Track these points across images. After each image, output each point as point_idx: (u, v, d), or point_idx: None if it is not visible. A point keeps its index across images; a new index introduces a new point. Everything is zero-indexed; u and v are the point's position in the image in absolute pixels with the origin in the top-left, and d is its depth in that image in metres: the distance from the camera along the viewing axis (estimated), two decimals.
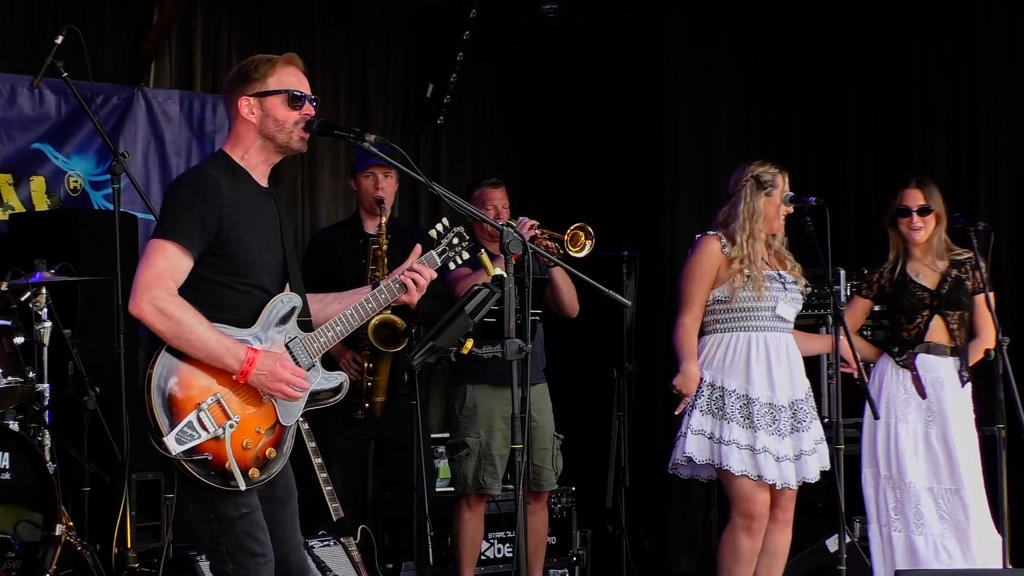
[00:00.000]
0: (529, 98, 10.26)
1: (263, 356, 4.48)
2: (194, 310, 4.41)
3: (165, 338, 4.40)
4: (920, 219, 6.90)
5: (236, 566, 4.48)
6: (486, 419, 7.24)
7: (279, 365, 4.49)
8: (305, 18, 9.25)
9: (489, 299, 4.71)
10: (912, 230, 6.91)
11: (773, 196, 6.55)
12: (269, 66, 4.64)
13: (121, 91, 8.49)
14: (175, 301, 4.40)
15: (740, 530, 6.51)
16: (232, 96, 4.65)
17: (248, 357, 4.45)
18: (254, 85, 4.62)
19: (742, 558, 6.52)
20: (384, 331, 7.02)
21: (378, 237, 7.07)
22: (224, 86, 4.76)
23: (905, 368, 6.90)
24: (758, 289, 6.46)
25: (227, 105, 4.70)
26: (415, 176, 4.73)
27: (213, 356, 4.43)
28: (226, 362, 4.44)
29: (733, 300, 6.48)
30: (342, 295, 4.90)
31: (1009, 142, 8.54)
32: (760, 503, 6.46)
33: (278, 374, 4.48)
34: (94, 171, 8.35)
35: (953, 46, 8.85)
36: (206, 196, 4.47)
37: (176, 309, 4.38)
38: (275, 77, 4.63)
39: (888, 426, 6.89)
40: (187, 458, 4.39)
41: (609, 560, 8.73)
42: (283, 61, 4.68)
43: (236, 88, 4.64)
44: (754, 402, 6.43)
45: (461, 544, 7.36)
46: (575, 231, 7.10)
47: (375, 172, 7.31)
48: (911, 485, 6.82)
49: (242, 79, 4.64)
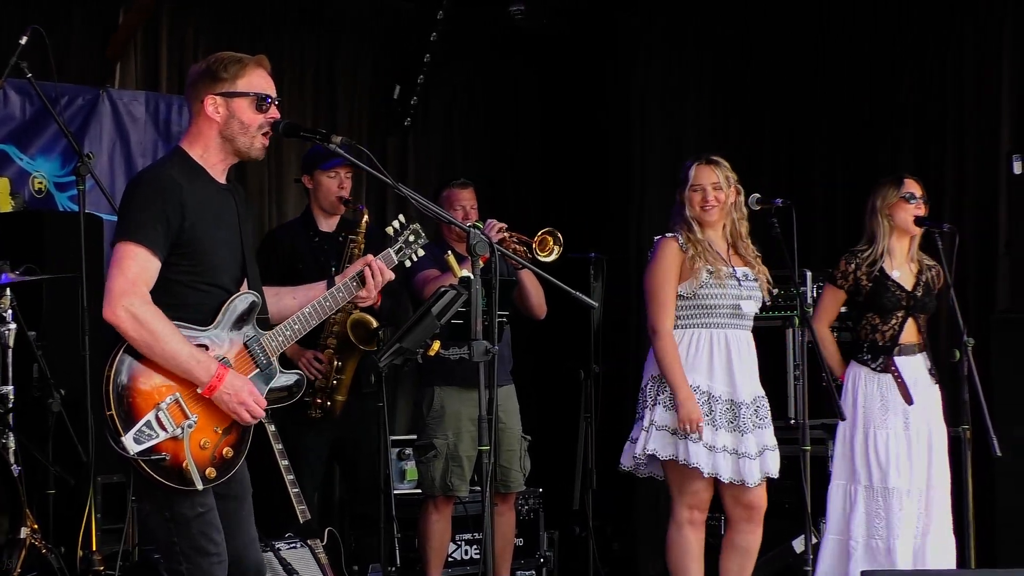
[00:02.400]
0: (498, 101, 10.26)
1: (231, 376, 4.47)
2: (166, 319, 4.39)
3: (135, 345, 4.38)
4: (924, 207, 6.93)
5: (190, 565, 4.47)
6: (453, 421, 7.23)
7: (246, 391, 4.49)
8: (272, 20, 9.23)
9: (456, 301, 4.72)
10: (916, 217, 6.91)
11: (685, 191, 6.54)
12: (240, 67, 4.59)
13: (86, 92, 8.45)
14: (150, 310, 4.38)
15: (686, 525, 6.49)
16: (197, 92, 4.60)
17: (218, 373, 4.44)
18: (223, 84, 4.57)
19: (693, 553, 6.50)
20: (360, 330, 7.02)
21: (357, 235, 7.06)
22: (189, 80, 4.67)
23: (885, 373, 6.90)
24: (720, 283, 6.46)
25: (190, 101, 4.64)
26: (381, 177, 4.72)
27: (182, 368, 4.41)
28: (196, 375, 4.43)
29: (696, 295, 6.48)
30: (297, 289, 4.89)
31: (975, 147, 8.58)
32: (706, 498, 6.48)
33: (242, 398, 4.48)
34: (59, 172, 8.31)
35: (923, 52, 8.89)
36: (166, 196, 4.44)
37: (151, 319, 4.36)
38: (245, 79, 4.59)
39: (867, 435, 6.87)
40: (144, 458, 4.37)
41: (576, 562, 8.73)
42: (254, 63, 4.63)
43: (203, 85, 4.59)
44: (716, 399, 6.43)
45: (428, 546, 7.35)
46: (544, 236, 7.10)
47: (339, 172, 7.30)
48: (893, 491, 6.82)
49: (210, 77, 4.59)
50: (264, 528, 5.15)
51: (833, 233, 8.97)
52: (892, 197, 6.94)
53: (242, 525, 4.69)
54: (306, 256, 7.29)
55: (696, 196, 6.52)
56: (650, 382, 6.52)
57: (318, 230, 7.38)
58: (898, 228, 6.95)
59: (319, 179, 7.34)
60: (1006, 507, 7.90)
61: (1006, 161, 8.30)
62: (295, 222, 7.71)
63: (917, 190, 6.96)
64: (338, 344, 7.09)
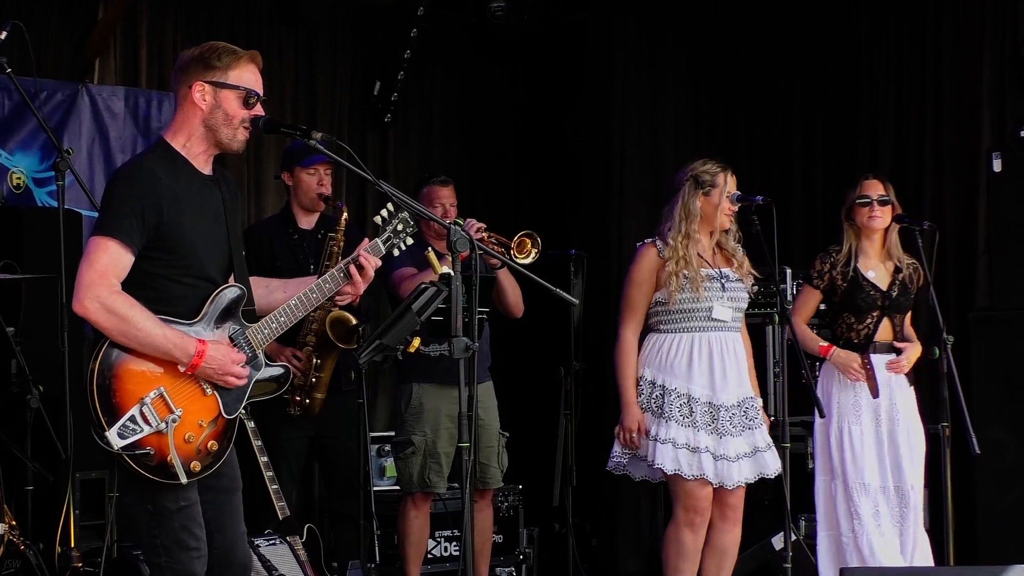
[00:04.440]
0: (478, 98, 10.26)
1: (211, 348, 4.47)
2: (140, 305, 4.38)
3: (111, 335, 4.37)
4: (880, 208, 6.94)
5: (169, 559, 4.47)
6: (432, 417, 7.22)
7: (228, 360, 4.49)
8: (251, 16, 9.20)
9: (436, 297, 4.70)
10: (872, 218, 6.94)
11: (712, 196, 6.56)
12: (233, 59, 4.59)
13: (65, 87, 8.42)
14: (120, 298, 4.37)
15: (683, 526, 6.52)
16: (187, 77, 4.58)
17: (198, 350, 4.44)
18: (214, 73, 4.56)
19: (686, 554, 6.53)
20: (339, 328, 7.01)
21: (336, 233, 7.05)
22: (179, 64, 4.64)
23: None
24: (696, 290, 6.47)
25: (177, 85, 4.62)
26: (361, 174, 4.72)
27: (161, 351, 4.41)
28: (175, 356, 4.43)
29: (671, 302, 6.50)
30: (288, 282, 4.90)
31: (954, 144, 8.59)
32: (702, 499, 6.47)
33: (226, 369, 4.49)
34: (38, 168, 8.28)
35: (900, 49, 8.91)
36: (144, 190, 4.43)
37: (121, 306, 4.36)
38: (236, 72, 4.59)
39: (841, 430, 6.90)
40: (129, 452, 4.36)
41: (556, 559, 8.74)
42: (247, 57, 4.63)
43: (193, 71, 4.58)
44: (695, 400, 6.45)
45: (407, 543, 7.35)
46: (522, 238, 7.09)
47: (319, 168, 7.29)
48: (869, 487, 6.84)
49: (203, 64, 4.57)
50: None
51: (812, 231, 8.99)
52: (849, 201, 7.01)
53: (232, 518, 4.69)
54: (285, 253, 7.28)
55: (727, 204, 6.56)
56: (640, 383, 6.55)
57: (297, 227, 7.37)
58: (862, 229, 6.99)
59: (299, 176, 7.34)
60: (985, 504, 7.93)
61: (986, 158, 8.31)
62: (274, 219, 7.70)
63: (876, 190, 6.98)
64: (317, 342, 7.09)
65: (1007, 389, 7.93)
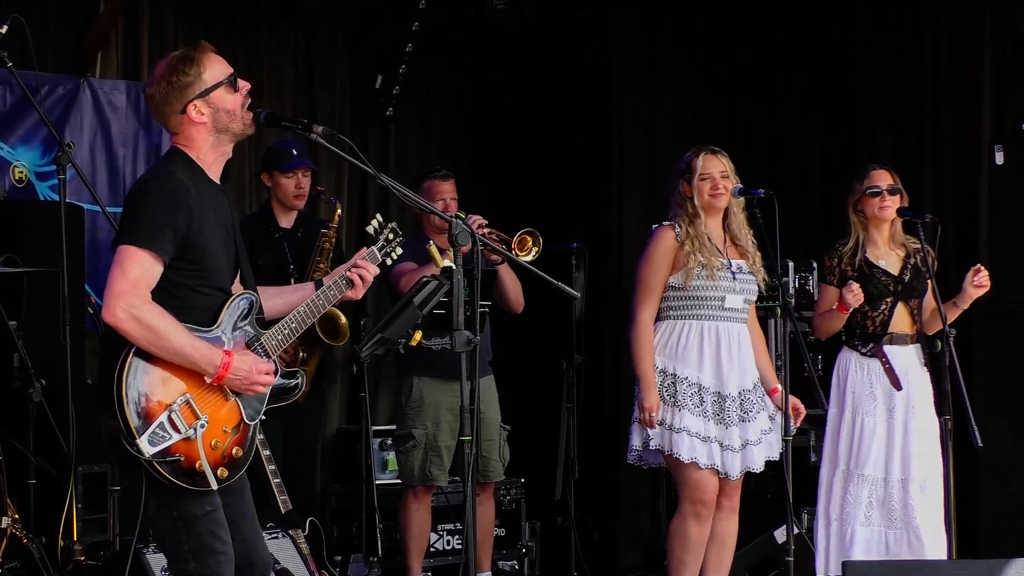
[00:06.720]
0: (477, 97, 10.25)
1: (237, 360, 4.48)
2: (170, 316, 4.38)
3: (140, 344, 4.36)
4: (891, 198, 6.94)
5: (198, 564, 4.46)
6: (432, 411, 7.24)
7: (254, 370, 4.51)
8: (251, 10, 9.20)
9: (438, 291, 4.71)
10: (883, 208, 6.92)
11: (692, 181, 6.57)
12: (194, 63, 4.54)
13: (67, 81, 8.41)
14: (151, 308, 4.36)
15: (689, 517, 6.53)
16: (174, 108, 4.54)
17: (224, 362, 4.44)
18: (193, 87, 4.53)
19: (692, 545, 6.54)
20: (326, 324, 7.04)
21: (329, 229, 7.06)
22: (157, 102, 4.57)
23: (873, 358, 6.92)
24: (711, 277, 6.48)
25: (166, 118, 4.57)
26: (363, 168, 4.72)
27: (188, 361, 4.41)
28: (201, 367, 4.43)
29: (686, 287, 6.51)
30: (283, 289, 4.93)
31: (953, 136, 8.59)
32: (710, 491, 6.49)
33: (252, 379, 4.51)
34: (40, 162, 8.28)
35: (899, 41, 8.89)
36: (175, 201, 4.42)
37: (152, 317, 4.35)
38: (207, 71, 4.55)
39: (854, 421, 6.90)
40: (159, 459, 4.36)
41: (558, 552, 8.73)
42: (201, 51, 4.59)
43: (176, 99, 4.54)
44: (705, 390, 6.46)
45: (409, 536, 7.36)
46: (523, 235, 7.09)
47: (298, 173, 7.40)
48: (866, 478, 6.84)
49: (178, 88, 4.53)
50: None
51: (811, 230, 8.98)
52: (858, 192, 6.99)
53: (246, 515, 4.68)
54: (265, 252, 7.31)
55: (705, 185, 6.55)
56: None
57: (278, 226, 7.45)
58: (871, 219, 6.98)
59: (277, 180, 7.47)
60: (987, 498, 7.93)
61: (988, 151, 8.31)
62: (254, 217, 7.72)
63: (885, 180, 6.97)
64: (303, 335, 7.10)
65: (1008, 383, 7.93)
